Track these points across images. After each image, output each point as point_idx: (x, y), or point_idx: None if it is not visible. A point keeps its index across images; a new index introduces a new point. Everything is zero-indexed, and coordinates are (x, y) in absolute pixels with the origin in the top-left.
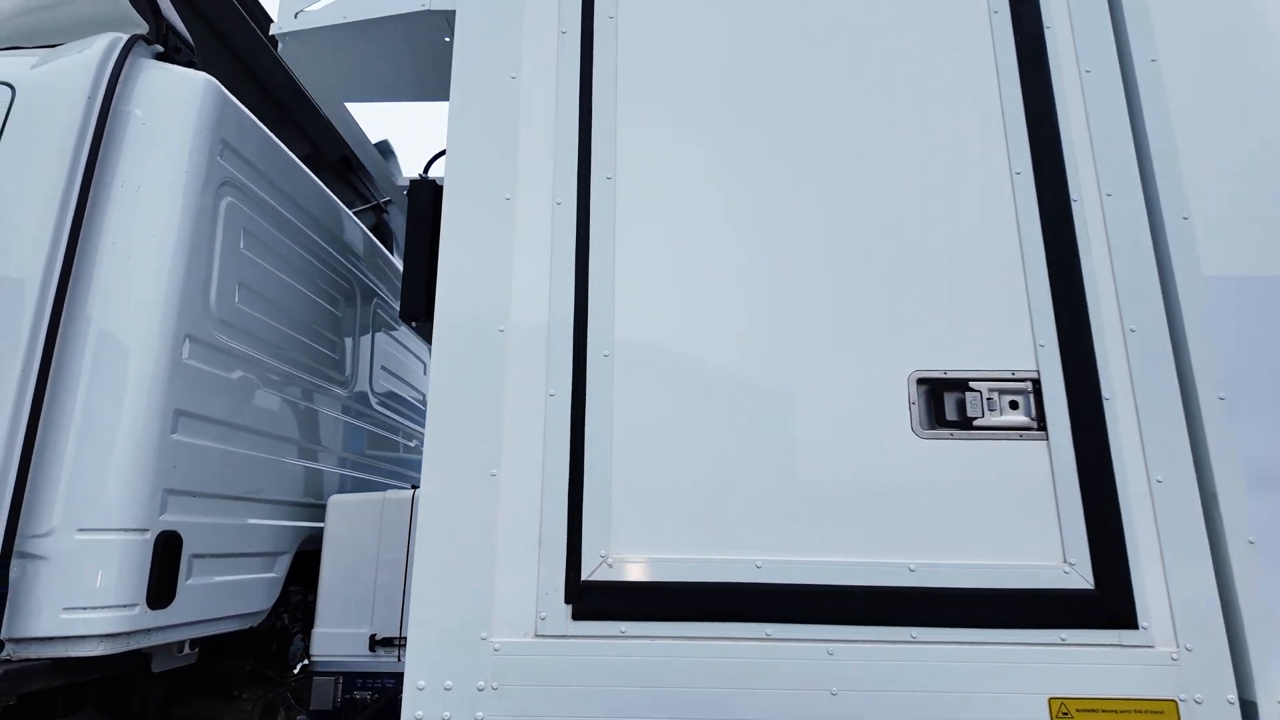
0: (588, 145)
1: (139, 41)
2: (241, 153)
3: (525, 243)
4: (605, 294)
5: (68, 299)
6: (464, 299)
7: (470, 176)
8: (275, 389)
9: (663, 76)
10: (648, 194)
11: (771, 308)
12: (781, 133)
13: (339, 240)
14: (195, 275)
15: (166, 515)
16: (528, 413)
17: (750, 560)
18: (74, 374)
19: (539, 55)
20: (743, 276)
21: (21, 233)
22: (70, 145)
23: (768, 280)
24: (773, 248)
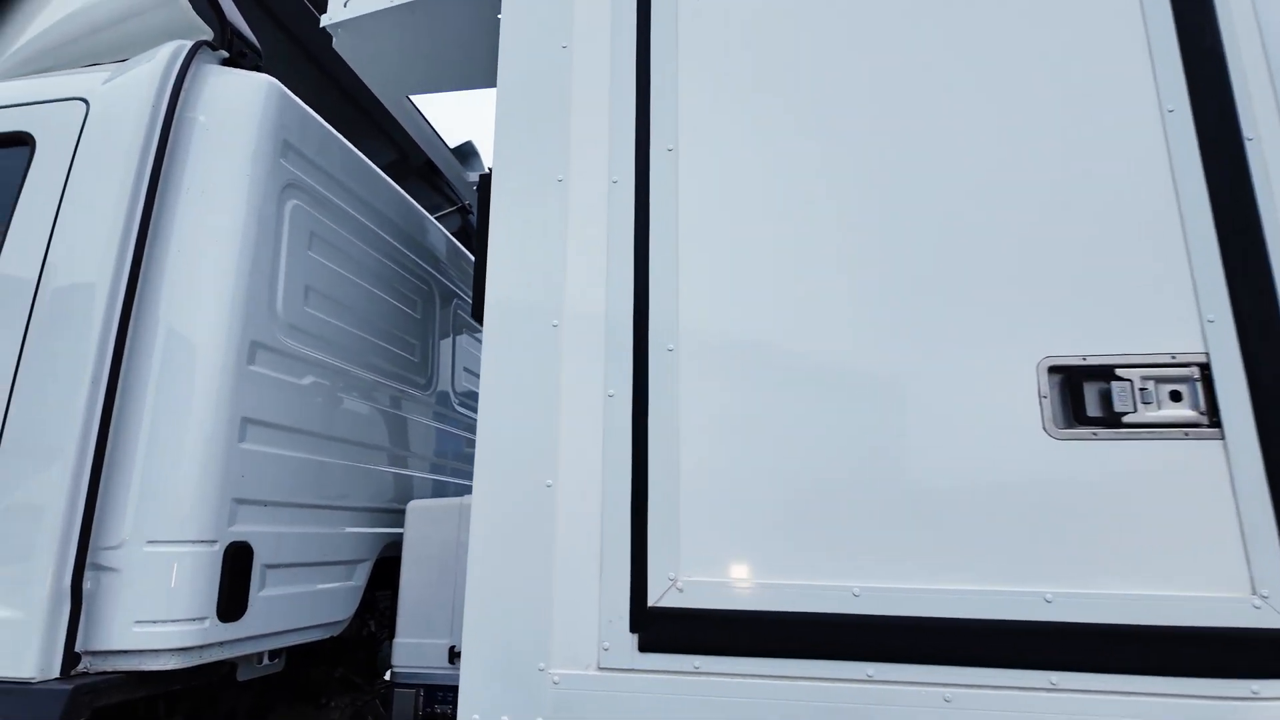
0: (646, 115)
1: (203, 48)
2: (306, 154)
3: (579, 228)
4: (668, 281)
5: (135, 308)
6: (513, 292)
7: (519, 158)
8: (348, 393)
9: (731, 30)
10: (716, 166)
11: (868, 287)
12: (877, 83)
13: (415, 241)
14: (259, 281)
15: (236, 526)
16: (584, 416)
17: (846, 587)
18: (142, 383)
19: (592, 19)
20: (831, 252)
21: (93, 244)
22: (136, 154)
23: (863, 256)
24: (869, 217)
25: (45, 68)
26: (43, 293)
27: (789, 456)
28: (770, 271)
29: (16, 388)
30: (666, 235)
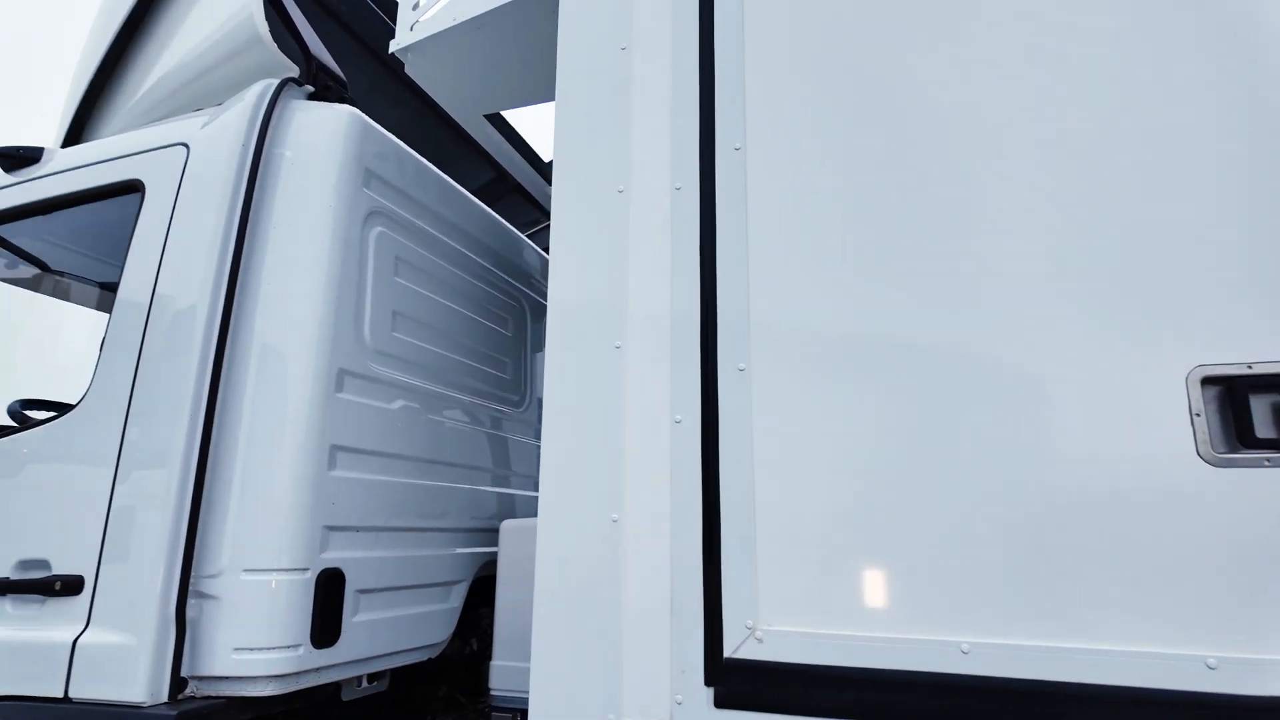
0: (711, 113)
1: (289, 85)
2: (389, 180)
3: (641, 241)
4: (738, 295)
5: (231, 341)
6: (574, 312)
7: (578, 169)
8: (439, 414)
9: (801, 16)
10: (787, 165)
11: (974, 293)
12: (976, 60)
13: (504, 259)
14: (345, 310)
15: (328, 553)
16: (651, 444)
17: (954, 642)
18: (237, 414)
19: (651, 16)
20: (927, 256)
21: (192, 281)
22: (229, 193)
23: (964, 259)
24: (972, 214)
25: (159, 116)
26: (150, 331)
27: (883, 488)
28: (856, 278)
29: (130, 421)
30: (735, 243)
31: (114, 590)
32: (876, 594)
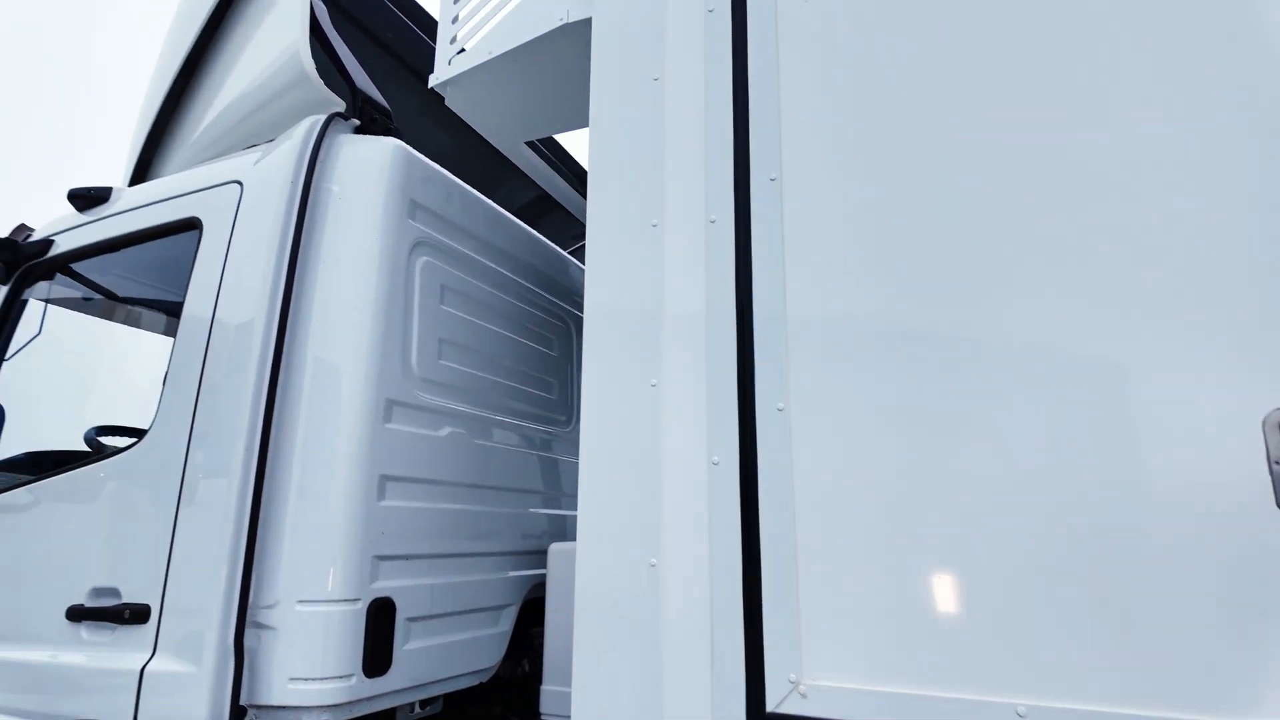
0: (745, 142)
1: (336, 120)
2: (433, 210)
3: (676, 275)
4: (775, 332)
5: (283, 375)
6: (609, 348)
7: (612, 202)
8: (486, 439)
9: (840, 40)
10: (825, 192)
11: (1024, 323)
12: (1021, 82)
13: (548, 279)
14: (393, 341)
15: (378, 582)
16: (689, 487)
17: (1010, 704)
18: (290, 449)
19: (684, 45)
20: (970, 285)
21: (245, 317)
22: (279, 228)
23: (1016, 286)
24: (1026, 236)
25: (216, 153)
26: (209, 368)
27: (932, 535)
28: (898, 311)
29: (190, 455)
30: (772, 277)
31: (177, 620)
32: (926, 649)
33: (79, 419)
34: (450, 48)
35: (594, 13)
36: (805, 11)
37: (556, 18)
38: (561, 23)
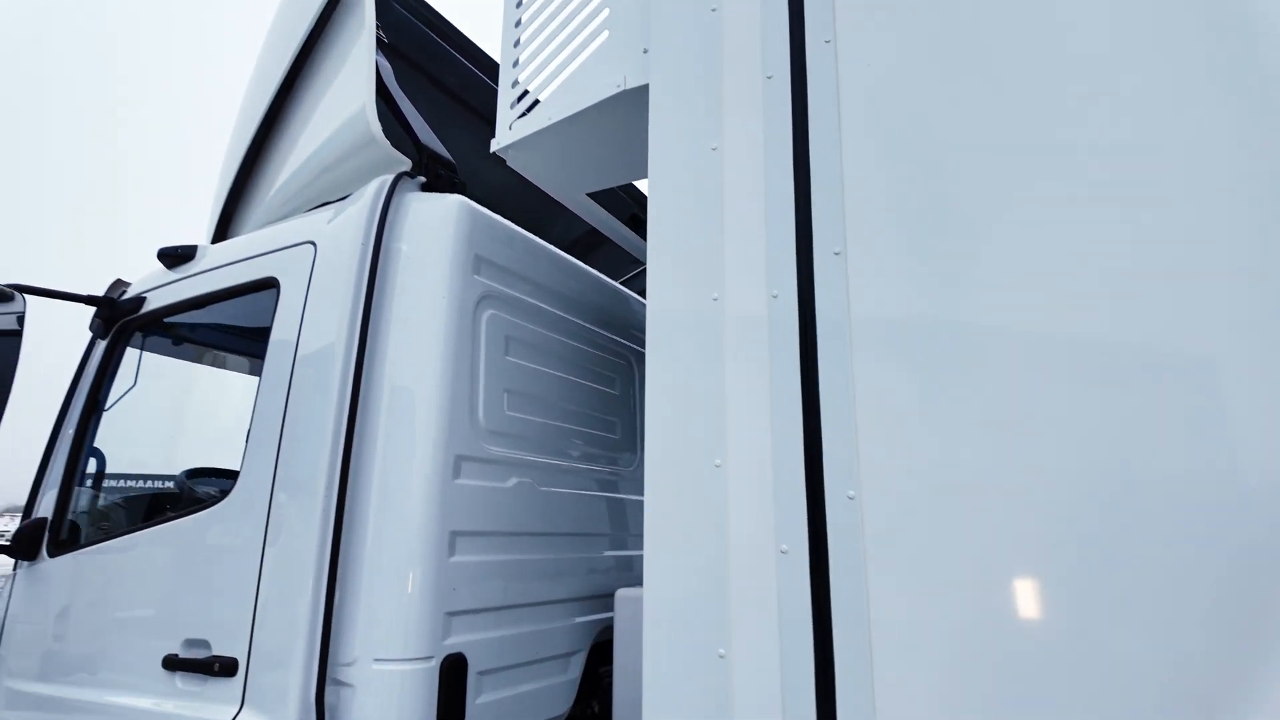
0: (807, 213)
1: (403, 179)
2: (497, 263)
3: (737, 353)
4: (844, 414)
5: (358, 437)
6: (671, 426)
7: (670, 274)
8: (552, 485)
9: (902, 106)
10: (893, 270)
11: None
12: (1093, 124)
13: (610, 318)
14: (460, 397)
15: (450, 639)
16: (756, 574)
17: None
18: (364, 507)
19: (743, 112)
20: (1049, 361)
21: (322, 378)
22: (351, 292)
23: (1094, 358)
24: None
25: (291, 210)
26: (288, 426)
27: (1014, 630)
28: (970, 388)
29: (272, 512)
30: (838, 361)
31: (262, 674)
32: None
33: (171, 463)
34: (510, 112)
35: (650, 79)
36: (868, 77)
37: (614, 84)
38: (619, 89)
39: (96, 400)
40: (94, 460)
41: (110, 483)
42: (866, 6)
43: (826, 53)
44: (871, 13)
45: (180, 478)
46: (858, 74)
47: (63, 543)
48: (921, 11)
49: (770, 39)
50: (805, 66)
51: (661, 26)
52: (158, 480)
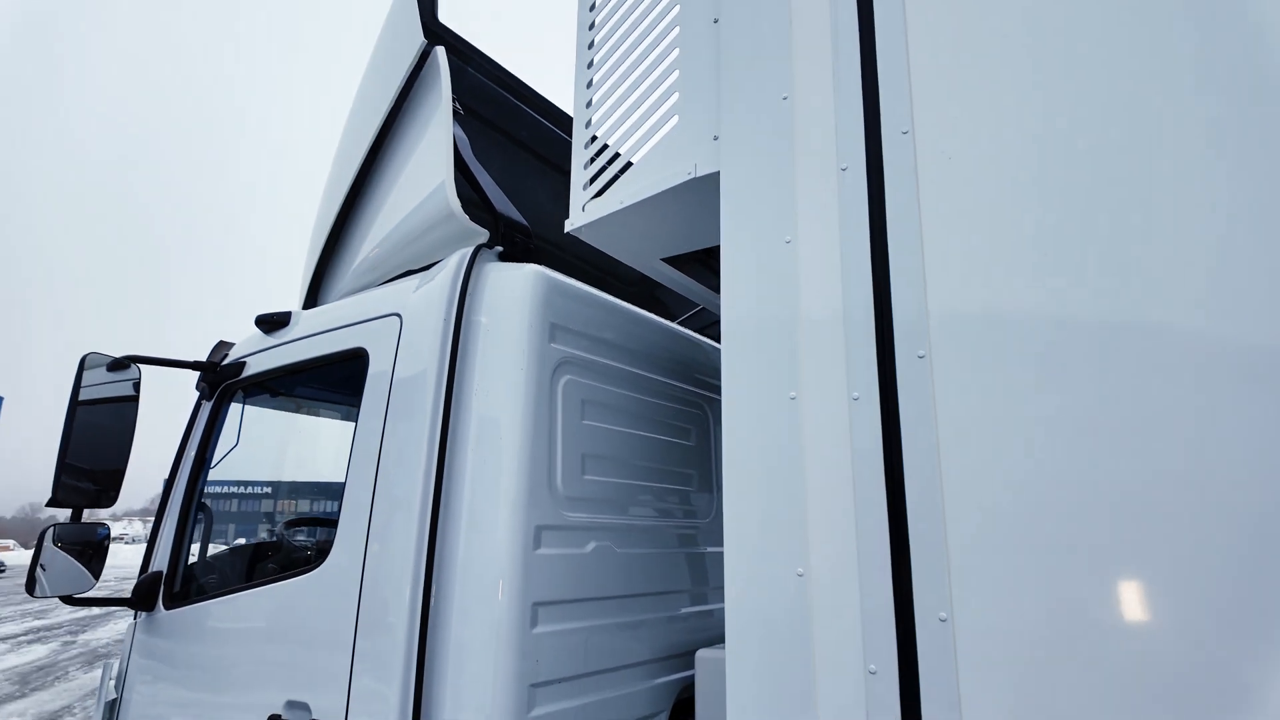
0: (887, 315)
1: (482, 250)
2: (572, 328)
3: (818, 452)
4: (932, 533)
5: (442, 513)
6: (750, 530)
7: (746, 370)
8: (632, 546)
9: (987, 201)
10: (981, 373)
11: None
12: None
13: (683, 368)
14: (539, 467)
15: (535, 710)
16: (841, 693)
17: None
18: (450, 579)
19: (817, 204)
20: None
21: (408, 451)
22: (434, 366)
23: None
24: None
25: (377, 278)
26: (378, 496)
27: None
28: (1064, 510)
29: (365, 579)
30: (925, 469)
31: None
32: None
33: (273, 518)
34: (583, 194)
35: (721, 167)
36: (946, 172)
37: (685, 171)
38: (690, 177)
39: (204, 458)
40: (203, 515)
41: (218, 536)
42: (946, 97)
43: (904, 144)
44: (951, 104)
45: (280, 529)
46: (938, 167)
47: (176, 595)
48: (1004, 103)
49: (844, 129)
50: (881, 158)
51: (732, 114)
52: (262, 531)
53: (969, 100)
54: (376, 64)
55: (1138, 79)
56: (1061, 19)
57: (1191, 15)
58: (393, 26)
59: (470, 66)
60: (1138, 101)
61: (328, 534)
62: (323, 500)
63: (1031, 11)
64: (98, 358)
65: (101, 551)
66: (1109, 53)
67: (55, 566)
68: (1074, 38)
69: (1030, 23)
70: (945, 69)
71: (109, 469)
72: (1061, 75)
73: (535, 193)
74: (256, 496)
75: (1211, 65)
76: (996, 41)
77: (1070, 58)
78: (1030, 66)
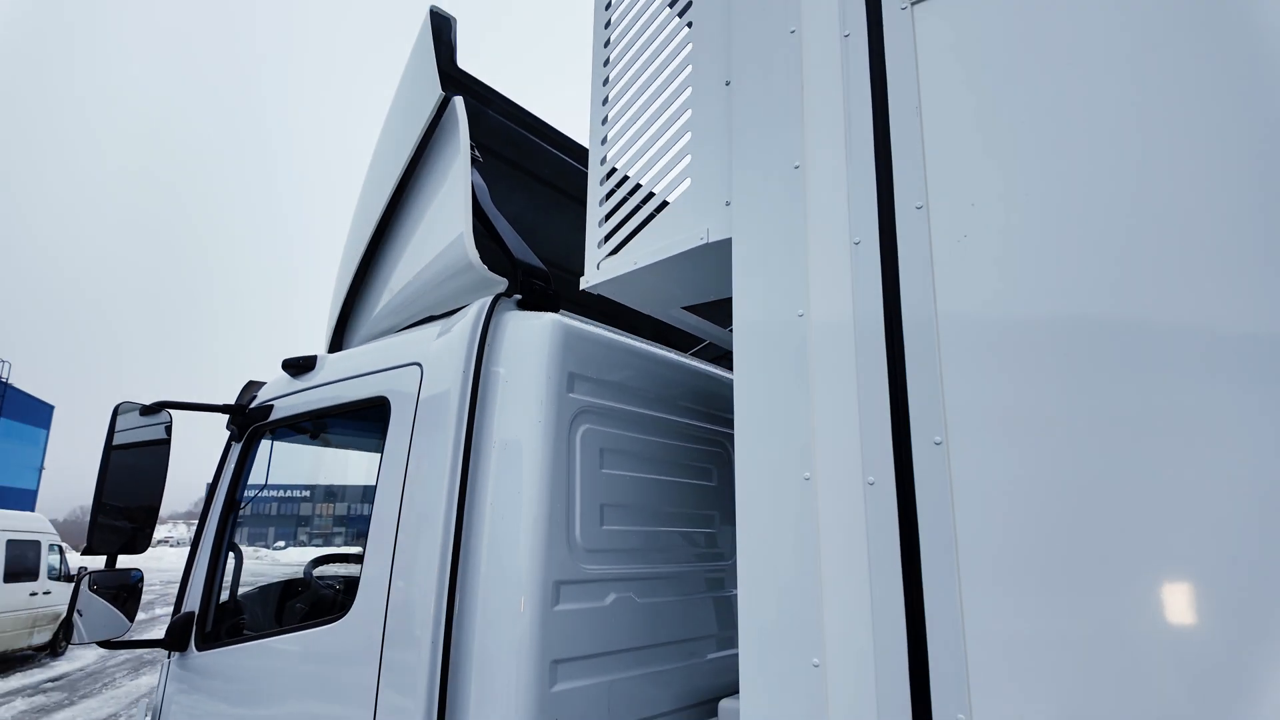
0: (903, 400)
1: (500, 300)
2: (590, 376)
3: (833, 537)
4: (947, 610)
5: (461, 566)
6: (768, 626)
7: (759, 453)
8: (653, 596)
9: (1005, 282)
10: (995, 458)
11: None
12: None
13: (700, 406)
14: (558, 520)
15: None
16: (854, 697)
17: None
18: (469, 635)
19: (830, 280)
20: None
21: (429, 501)
22: (454, 414)
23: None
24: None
25: (398, 323)
26: (400, 548)
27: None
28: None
29: (387, 631)
30: (942, 550)
31: None
32: None
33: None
34: (598, 252)
35: (733, 234)
36: (962, 252)
37: (697, 236)
38: (702, 242)
39: (234, 498)
40: (232, 555)
41: (247, 576)
42: (962, 173)
43: (918, 220)
44: (967, 180)
45: (307, 568)
46: (953, 245)
47: (207, 636)
48: (1022, 181)
49: (857, 201)
50: (895, 233)
51: (743, 180)
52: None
53: (985, 177)
54: (397, 111)
55: (1159, 156)
56: (1084, 92)
57: (1217, 91)
58: (413, 75)
59: (490, 109)
60: (1160, 181)
61: (353, 577)
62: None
63: (1051, 84)
64: (130, 405)
65: (135, 594)
66: (1130, 130)
67: (92, 612)
68: (1096, 114)
69: (1051, 96)
70: (961, 144)
71: (143, 509)
72: (1085, 153)
73: (557, 224)
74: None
75: (1240, 139)
76: (1014, 117)
77: (1092, 135)
78: (1052, 142)
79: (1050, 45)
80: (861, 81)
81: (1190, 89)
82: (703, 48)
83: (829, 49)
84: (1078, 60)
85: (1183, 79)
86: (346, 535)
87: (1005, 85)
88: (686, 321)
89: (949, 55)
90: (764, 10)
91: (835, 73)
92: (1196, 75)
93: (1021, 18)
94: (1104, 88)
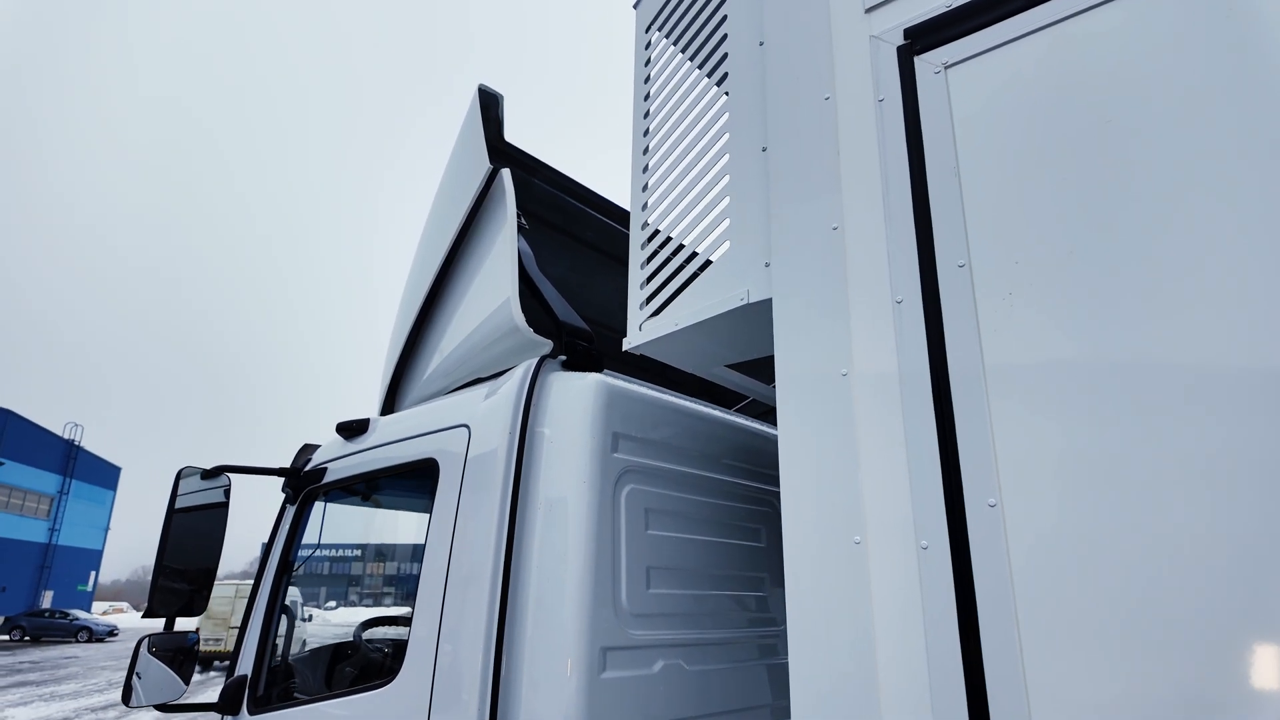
0: (953, 458)
1: (546, 361)
2: (635, 435)
3: (886, 602)
4: (1009, 675)
5: (507, 633)
6: (822, 684)
7: (807, 515)
8: (702, 663)
9: (1053, 340)
10: (1049, 519)
11: None
12: None
13: (747, 464)
14: (604, 583)
15: None
16: None
17: None
18: (516, 704)
19: (873, 339)
20: None
21: (476, 564)
22: (500, 476)
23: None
24: None
25: (447, 385)
26: (447, 611)
27: None
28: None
29: (434, 700)
30: (1002, 613)
31: None
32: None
33: (352, 615)
34: (640, 313)
35: (774, 294)
36: (1004, 309)
37: (738, 297)
38: (743, 303)
39: (289, 560)
40: (285, 618)
41: (300, 638)
42: (1001, 230)
43: (961, 278)
44: (1009, 236)
45: (357, 630)
46: (999, 302)
47: (259, 700)
48: (1066, 239)
49: (897, 261)
50: (938, 292)
51: (782, 242)
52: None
53: (1028, 234)
54: (448, 182)
55: (1199, 208)
56: (1121, 146)
57: (1257, 145)
58: (463, 148)
59: (536, 178)
60: (1201, 230)
61: (401, 640)
62: (401, 594)
63: (1088, 139)
64: (192, 470)
65: (191, 657)
66: (1170, 181)
67: (149, 675)
68: (1134, 167)
69: (1088, 151)
70: (1002, 202)
71: (201, 571)
72: (1128, 203)
73: (602, 283)
74: (337, 596)
75: (1270, 214)
76: (1054, 174)
77: (1131, 187)
78: (1094, 196)
79: (1084, 101)
80: (898, 144)
81: (1230, 142)
82: (739, 115)
83: (864, 113)
84: (1114, 115)
85: (1220, 132)
86: (396, 595)
87: (1042, 142)
88: (730, 379)
89: (985, 116)
90: (797, 78)
91: (870, 136)
92: (1236, 129)
93: (1055, 75)
94: (1141, 143)
